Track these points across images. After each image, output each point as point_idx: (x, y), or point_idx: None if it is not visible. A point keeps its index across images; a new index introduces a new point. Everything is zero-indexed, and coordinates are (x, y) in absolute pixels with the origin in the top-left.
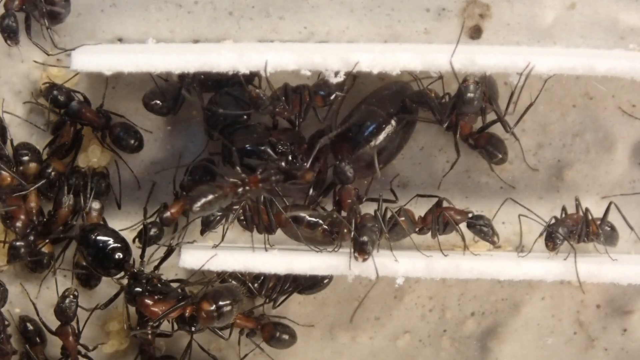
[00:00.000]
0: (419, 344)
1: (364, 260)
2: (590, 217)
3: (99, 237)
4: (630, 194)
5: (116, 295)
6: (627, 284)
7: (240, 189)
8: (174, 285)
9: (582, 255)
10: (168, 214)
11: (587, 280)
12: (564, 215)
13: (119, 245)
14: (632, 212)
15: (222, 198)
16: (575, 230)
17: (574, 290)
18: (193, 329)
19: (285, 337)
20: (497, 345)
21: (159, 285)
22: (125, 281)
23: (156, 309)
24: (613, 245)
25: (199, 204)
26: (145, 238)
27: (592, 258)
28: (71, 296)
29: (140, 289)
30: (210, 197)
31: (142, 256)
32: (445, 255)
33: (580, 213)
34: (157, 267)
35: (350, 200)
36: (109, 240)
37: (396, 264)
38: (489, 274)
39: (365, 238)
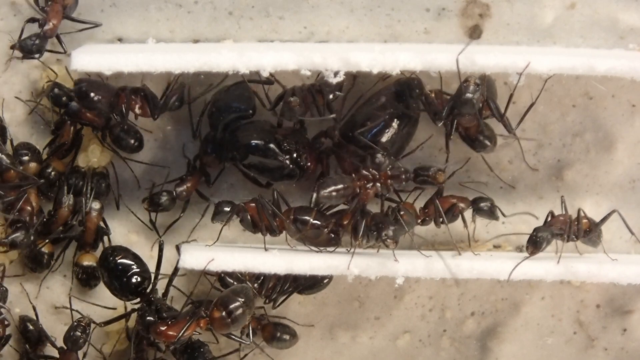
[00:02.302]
0: (419, 344)
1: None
2: (582, 215)
3: (119, 261)
4: None
5: (120, 317)
6: (627, 283)
7: (369, 184)
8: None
9: (581, 256)
10: (184, 187)
11: (587, 280)
12: (549, 219)
13: (138, 270)
14: (631, 213)
15: (349, 190)
16: (562, 233)
17: (574, 290)
18: None
19: (286, 337)
20: (497, 345)
21: (167, 308)
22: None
23: (172, 332)
24: (595, 247)
25: (327, 191)
26: (157, 272)
27: (592, 258)
28: (86, 327)
29: (152, 319)
30: (340, 186)
31: (154, 283)
32: (428, 257)
33: (567, 213)
34: (165, 294)
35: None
36: (131, 265)
37: (396, 263)
38: (489, 273)
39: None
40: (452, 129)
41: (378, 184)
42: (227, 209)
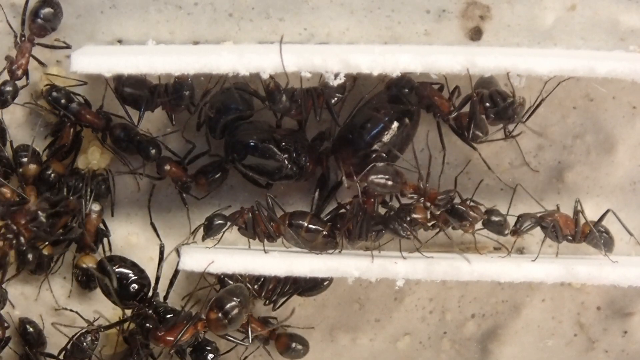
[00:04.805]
0: (419, 346)
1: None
2: (578, 218)
3: (117, 269)
4: None
5: (120, 322)
6: (627, 286)
7: (411, 193)
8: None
9: (582, 257)
10: (168, 167)
11: (588, 282)
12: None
13: (136, 277)
14: (632, 215)
15: (395, 188)
16: (547, 226)
17: (575, 292)
18: None
19: (300, 347)
20: (498, 347)
21: (169, 310)
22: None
23: (169, 337)
24: (609, 250)
25: (376, 177)
26: (157, 275)
27: (592, 260)
28: (94, 338)
29: (151, 325)
30: (386, 177)
31: (155, 287)
32: (429, 258)
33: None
34: (165, 297)
35: (373, 200)
36: (129, 273)
37: (396, 265)
38: (489, 276)
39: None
40: (469, 132)
41: (421, 201)
42: (220, 221)
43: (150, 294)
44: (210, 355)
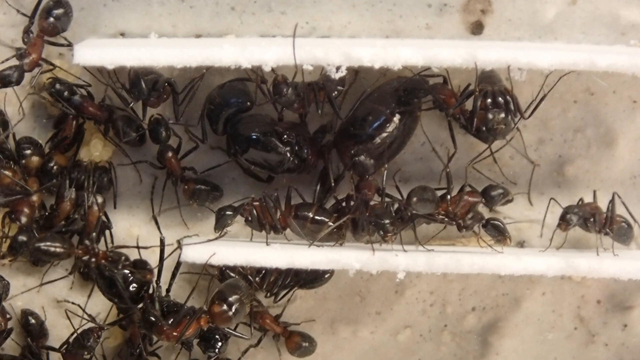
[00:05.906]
0: (419, 339)
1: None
2: (613, 210)
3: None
4: None
5: (122, 319)
6: (627, 279)
7: (442, 215)
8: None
9: (582, 251)
10: (170, 154)
11: (588, 275)
12: (581, 203)
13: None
14: (632, 208)
15: (432, 208)
16: (589, 218)
17: (575, 285)
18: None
19: (307, 345)
20: (498, 340)
21: (172, 304)
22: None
23: (175, 333)
24: (625, 244)
25: (423, 194)
26: (160, 268)
27: (592, 253)
28: (97, 335)
29: (155, 318)
30: (429, 197)
31: (157, 281)
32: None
33: (597, 204)
34: (168, 290)
35: (371, 193)
36: (127, 272)
37: (397, 258)
38: (490, 268)
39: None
40: (472, 125)
41: (453, 223)
42: (230, 212)
43: (150, 291)
44: (219, 343)
